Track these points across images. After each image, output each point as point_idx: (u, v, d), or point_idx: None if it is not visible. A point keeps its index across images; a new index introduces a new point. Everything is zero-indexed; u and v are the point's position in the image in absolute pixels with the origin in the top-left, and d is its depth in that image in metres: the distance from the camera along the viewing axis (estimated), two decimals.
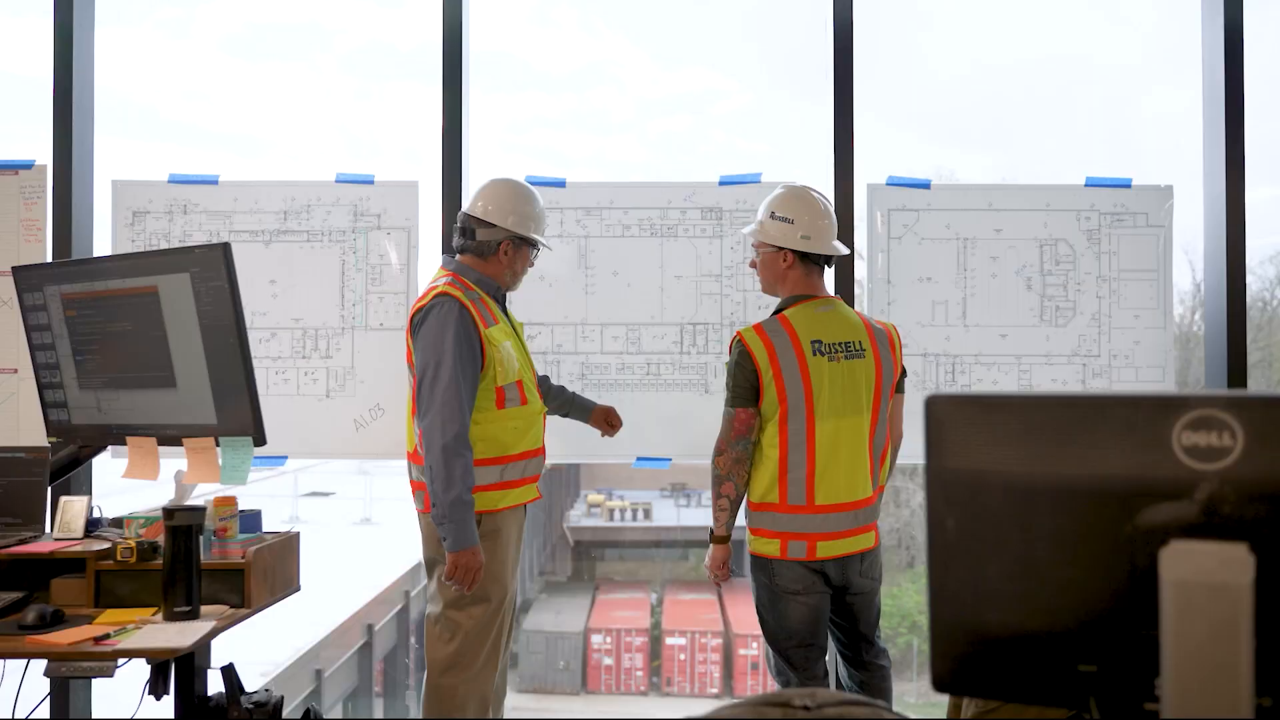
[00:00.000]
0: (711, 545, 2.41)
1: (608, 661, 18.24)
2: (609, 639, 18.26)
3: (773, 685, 2.49)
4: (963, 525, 0.89)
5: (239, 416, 1.92)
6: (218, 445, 1.98)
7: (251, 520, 2.11)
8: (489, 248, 2.44)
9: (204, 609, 1.91)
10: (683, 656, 18.19)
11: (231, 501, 2.03)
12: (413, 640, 13.76)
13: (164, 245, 2.95)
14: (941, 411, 0.90)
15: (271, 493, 17.85)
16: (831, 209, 2.44)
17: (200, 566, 1.89)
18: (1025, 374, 2.98)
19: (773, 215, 2.40)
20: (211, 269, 1.88)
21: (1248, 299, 3.04)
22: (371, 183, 2.98)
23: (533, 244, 2.50)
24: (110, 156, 3.14)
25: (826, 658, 2.43)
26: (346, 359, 2.96)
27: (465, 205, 2.51)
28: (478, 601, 2.34)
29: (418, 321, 2.32)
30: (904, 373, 2.50)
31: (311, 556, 2.34)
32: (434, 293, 2.33)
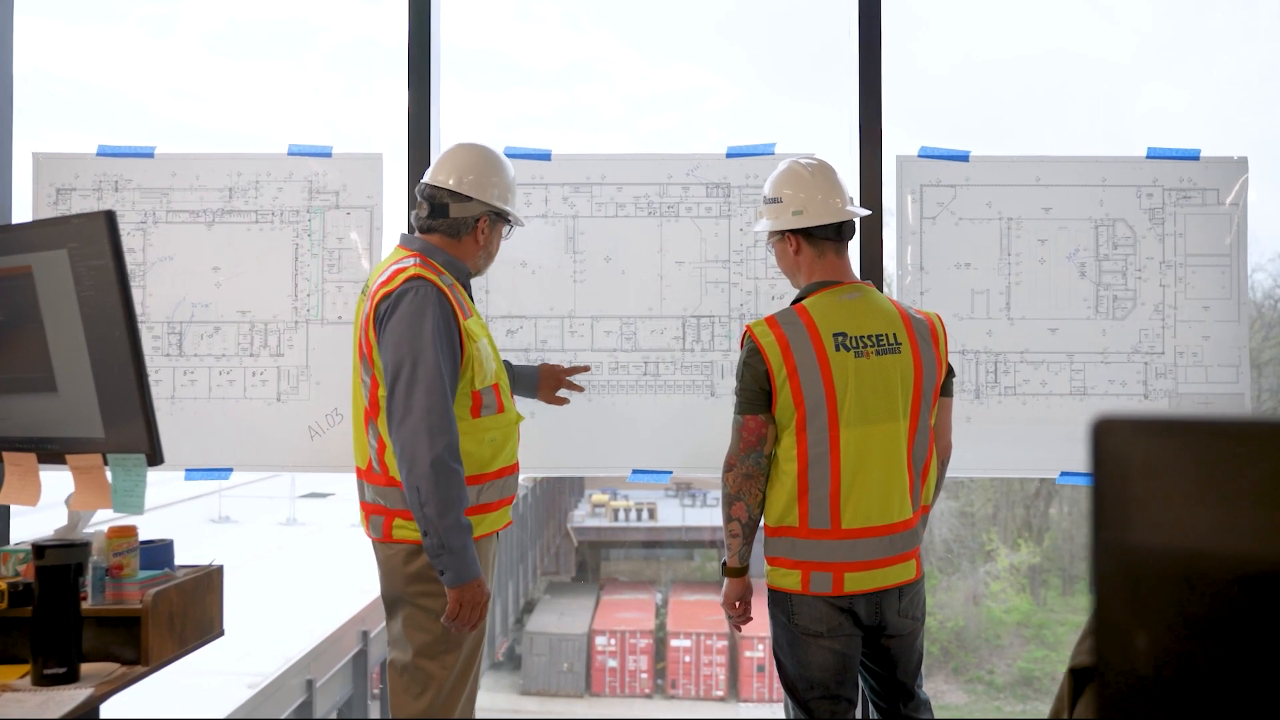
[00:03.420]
0: (725, 579, 2.07)
1: (612, 664, 18.14)
2: (613, 641, 18.16)
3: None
4: (1165, 646, 0.51)
5: (130, 429, 1.54)
6: (106, 464, 1.60)
7: (159, 553, 1.73)
8: (464, 225, 2.07)
9: (87, 668, 1.54)
10: (688, 658, 18.09)
11: (130, 532, 1.66)
12: None
13: None
14: (1123, 445, 0.52)
15: (269, 494, 17.52)
16: (832, 175, 2.08)
17: (81, 615, 1.51)
18: (1079, 374, 2.60)
19: (765, 201, 2.11)
20: (93, 244, 1.50)
21: (1258, 295, 2.66)
22: (329, 155, 2.60)
23: (508, 219, 2.14)
24: None
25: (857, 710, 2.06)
26: (300, 357, 2.58)
27: (428, 175, 2.13)
28: (451, 649, 1.98)
29: (385, 310, 1.92)
30: (951, 372, 2.13)
31: (308, 560, 1.96)
32: (404, 275, 1.94)
